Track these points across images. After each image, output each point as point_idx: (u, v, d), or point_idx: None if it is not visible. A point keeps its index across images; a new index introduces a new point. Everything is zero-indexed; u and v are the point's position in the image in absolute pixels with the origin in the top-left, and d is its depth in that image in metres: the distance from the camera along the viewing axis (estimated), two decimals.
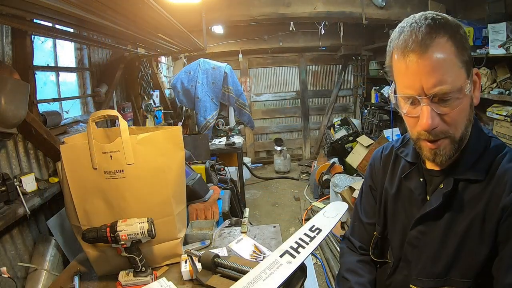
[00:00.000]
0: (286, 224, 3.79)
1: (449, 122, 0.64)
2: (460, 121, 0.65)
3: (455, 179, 0.71)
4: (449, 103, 0.63)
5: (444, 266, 0.72)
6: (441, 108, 0.63)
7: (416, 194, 0.78)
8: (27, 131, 1.65)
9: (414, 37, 0.61)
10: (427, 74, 0.60)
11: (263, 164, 6.28)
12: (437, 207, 0.72)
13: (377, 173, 0.91)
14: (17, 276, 1.50)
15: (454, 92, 0.62)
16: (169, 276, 1.22)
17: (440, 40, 0.60)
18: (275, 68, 6.17)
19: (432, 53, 0.60)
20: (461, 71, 0.63)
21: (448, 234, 0.72)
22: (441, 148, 0.67)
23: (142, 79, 3.24)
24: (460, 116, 0.65)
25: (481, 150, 0.70)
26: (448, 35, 0.61)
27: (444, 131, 0.65)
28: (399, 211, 0.83)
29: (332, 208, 1.02)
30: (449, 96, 0.62)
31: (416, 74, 0.61)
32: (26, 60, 1.67)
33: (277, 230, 1.54)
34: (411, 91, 0.64)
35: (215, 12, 3.15)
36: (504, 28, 2.43)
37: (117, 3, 1.29)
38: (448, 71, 0.61)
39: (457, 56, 0.61)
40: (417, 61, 0.61)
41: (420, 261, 0.77)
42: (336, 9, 3.33)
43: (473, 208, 0.69)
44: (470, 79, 0.64)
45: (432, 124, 0.63)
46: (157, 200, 1.19)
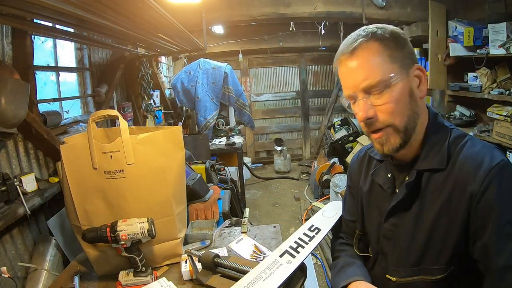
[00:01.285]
0: (286, 224, 3.79)
1: (385, 112, 0.70)
2: (398, 111, 0.70)
3: (418, 170, 0.74)
4: (382, 95, 0.69)
5: (416, 255, 0.75)
6: (375, 100, 0.70)
7: (385, 188, 0.82)
8: (27, 131, 1.65)
9: (345, 46, 0.72)
10: (356, 72, 0.70)
11: (263, 164, 6.28)
12: (403, 198, 0.76)
13: (354, 174, 0.96)
14: (17, 276, 1.50)
15: (381, 86, 0.69)
16: (169, 276, 1.22)
17: (365, 44, 0.69)
18: (275, 68, 6.18)
19: (358, 54, 0.70)
20: (391, 66, 0.69)
21: (417, 224, 0.75)
22: (385, 138, 0.73)
23: (142, 79, 3.24)
24: (397, 106, 0.70)
25: (441, 141, 0.74)
26: (374, 39, 0.70)
27: (383, 121, 0.71)
28: (372, 207, 0.88)
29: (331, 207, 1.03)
30: (379, 89, 0.69)
31: (348, 74, 0.72)
32: (26, 60, 1.67)
33: (277, 230, 1.54)
34: (348, 90, 0.73)
35: (215, 12, 3.15)
36: (504, 28, 2.43)
37: (117, 3, 1.29)
38: (374, 67, 0.69)
39: (384, 54, 0.69)
40: (346, 63, 0.71)
41: (395, 252, 0.80)
42: (336, 9, 3.32)
43: (438, 197, 0.72)
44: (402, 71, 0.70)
45: (367, 115, 0.71)
46: (157, 200, 1.19)
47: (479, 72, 2.77)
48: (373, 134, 0.74)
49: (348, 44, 0.71)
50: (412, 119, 0.72)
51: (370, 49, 0.70)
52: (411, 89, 0.71)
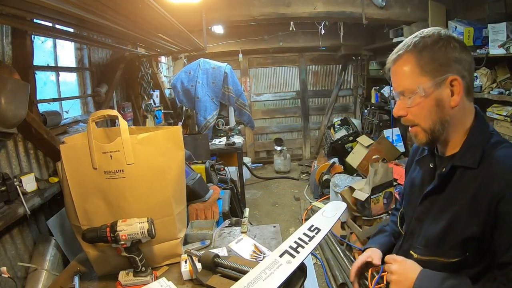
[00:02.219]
0: (286, 224, 3.79)
1: (413, 114, 0.84)
2: (421, 116, 0.83)
3: (453, 165, 0.84)
4: (410, 101, 0.83)
5: (437, 239, 0.86)
6: (407, 102, 0.84)
7: (425, 176, 0.95)
8: (27, 131, 1.65)
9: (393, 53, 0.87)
10: (394, 78, 0.86)
11: (263, 164, 6.28)
12: (436, 186, 0.87)
13: (409, 161, 1.11)
14: (17, 276, 1.50)
15: (409, 93, 0.82)
16: (169, 276, 1.22)
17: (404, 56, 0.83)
18: (275, 68, 6.18)
19: (396, 64, 0.85)
20: (419, 78, 0.81)
21: (443, 211, 0.85)
22: (415, 134, 0.87)
23: (142, 79, 3.24)
24: (420, 112, 0.83)
25: (479, 144, 0.82)
26: (411, 53, 0.82)
27: (411, 121, 0.86)
28: (414, 191, 1.00)
29: (331, 207, 1.03)
30: (408, 95, 0.83)
31: (392, 78, 0.87)
32: (26, 60, 1.67)
33: (277, 230, 1.54)
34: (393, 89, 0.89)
35: (215, 12, 3.15)
36: (504, 28, 2.43)
37: (117, 3, 1.29)
38: (404, 78, 0.83)
39: (417, 66, 0.81)
40: (390, 69, 0.87)
41: (421, 232, 0.92)
42: (336, 9, 3.32)
43: (465, 192, 0.81)
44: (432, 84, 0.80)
45: (397, 112, 0.86)
46: (157, 200, 1.19)
47: (479, 72, 2.77)
48: (410, 127, 0.88)
49: (394, 52, 0.86)
50: (438, 124, 0.83)
51: (405, 61, 0.83)
52: (440, 99, 0.81)
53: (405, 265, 0.85)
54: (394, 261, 0.87)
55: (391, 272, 0.85)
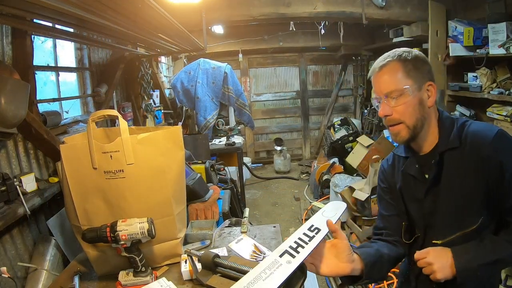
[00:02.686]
0: (286, 224, 3.79)
1: (399, 112, 0.95)
2: (407, 113, 0.95)
3: (439, 153, 0.97)
4: (396, 101, 0.95)
5: (455, 216, 0.97)
6: (392, 103, 0.96)
7: (417, 176, 1.04)
8: (27, 131, 1.65)
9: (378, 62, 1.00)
10: (381, 81, 0.97)
11: (263, 164, 6.28)
12: (434, 177, 0.98)
13: (388, 177, 1.16)
14: (17, 276, 1.50)
15: (396, 93, 0.94)
16: (169, 276, 1.22)
17: (389, 64, 0.96)
18: (275, 68, 6.18)
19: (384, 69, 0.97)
20: (406, 81, 0.94)
21: (450, 193, 0.96)
22: (398, 131, 0.98)
23: (142, 79, 3.24)
24: (407, 110, 0.95)
25: (450, 128, 0.98)
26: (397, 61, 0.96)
27: (396, 119, 0.96)
28: (410, 196, 1.08)
29: (331, 207, 1.03)
30: (395, 95, 0.95)
31: (377, 82, 0.99)
32: (26, 60, 1.67)
33: (277, 230, 1.54)
34: (376, 94, 1.00)
35: (215, 12, 3.14)
36: (504, 28, 2.43)
37: (117, 3, 1.29)
38: (393, 80, 0.95)
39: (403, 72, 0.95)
40: (377, 75, 0.99)
41: (438, 221, 1.01)
42: (336, 9, 3.32)
43: (459, 168, 0.95)
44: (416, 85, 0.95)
45: (385, 113, 0.96)
46: (157, 200, 1.19)
47: (479, 72, 2.77)
48: (390, 127, 0.99)
49: (380, 61, 0.98)
50: (420, 120, 0.96)
51: (394, 67, 0.96)
52: (421, 99, 0.96)
53: (436, 251, 0.93)
54: (426, 253, 0.93)
55: (430, 263, 0.90)
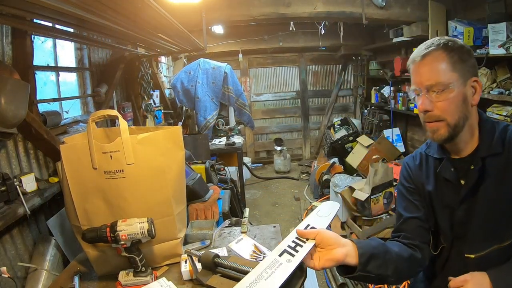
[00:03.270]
0: (286, 224, 3.79)
1: (440, 108, 0.87)
2: (450, 110, 0.87)
3: (481, 157, 0.89)
4: (440, 95, 0.86)
5: (492, 229, 0.90)
6: (434, 97, 0.87)
7: (452, 181, 0.95)
8: (27, 131, 1.65)
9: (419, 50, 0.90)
10: (423, 72, 0.88)
11: (263, 164, 6.28)
12: (475, 184, 0.90)
13: (415, 177, 1.06)
14: (17, 276, 1.50)
15: (440, 87, 0.85)
16: (169, 276, 1.22)
17: (434, 53, 0.87)
18: (275, 68, 6.17)
19: (427, 59, 0.87)
20: (451, 74, 0.86)
21: (487, 203, 0.89)
22: (436, 129, 0.89)
23: (142, 79, 3.24)
24: (449, 107, 0.86)
25: (492, 132, 0.91)
26: (442, 50, 0.86)
27: (437, 115, 0.88)
28: (443, 201, 0.99)
29: (325, 207, 1.03)
30: (438, 89, 0.86)
31: (417, 73, 0.89)
32: (26, 60, 1.67)
33: (277, 230, 1.54)
34: (415, 85, 0.91)
35: (215, 12, 3.14)
36: (504, 28, 2.43)
37: (117, 3, 1.29)
38: (437, 72, 0.86)
39: (449, 63, 0.86)
40: (417, 64, 0.89)
41: (470, 233, 0.93)
42: (336, 9, 3.32)
43: (502, 176, 0.87)
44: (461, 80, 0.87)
45: (425, 108, 0.88)
46: (157, 200, 1.19)
47: (479, 72, 2.77)
48: (428, 123, 0.91)
49: (422, 49, 0.89)
50: (461, 119, 0.88)
51: (437, 57, 0.86)
52: (465, 95, 0.88)
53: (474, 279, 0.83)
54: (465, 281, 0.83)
55: None
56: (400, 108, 4.41)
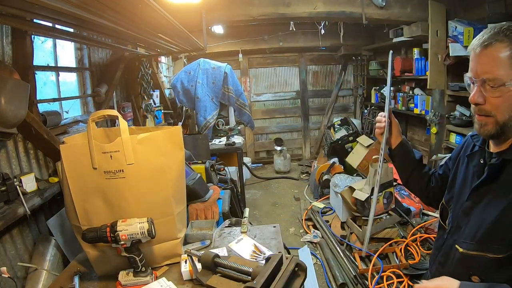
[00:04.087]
0: (286, 224, 3.79)
1: (492, 104, 0.83)
2: (502, 108, 0.82)
3: (503, 158, 0.87)
4: (495, 91, 0.81)
5: (484, 233, 0.87)
6: (487, 91, 0.83)
7: (475, 171, 0.96)
8: (27, 131, 1.65)
9: (482, 38, 0.83)
10: (481, 63, 0.83)
11: (263, 164, 6.28)
12: (485, 179, 0.89)
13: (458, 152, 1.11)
14: (17, 276, 1.50)
15: (496, 82, 0.80)
16: (169, 276, 1.22)
17: (498, 44, 0.80)
18: (275, 68, 6.17)
19: (488, 50, 0.81)
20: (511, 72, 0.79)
21: (493, 205, 0.87)
22: (484, 123, 0.86)
23: (142, 79, 3.24)
24: (503, 104, 0.82)
25: None
26: (507, 42, 0.79)
27: (487, 111, 0.84)
28: (463, 185, 1.01)
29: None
30: (493, 84, 0.81)
31: (476, 61, 0.84)
32: (26, 60, 1.67)
33: (277, 230, 1.54)
34: (472, 73, 0.86)
35: (215, 12, 3.14)
36: None
37: (117, 3, 1.29)
38: (495, 66, 0.80)
39: (510, 59, 0.79)
40: (477, 53, 0.84)
41: (467, 227, 0.93)
42: (336, 9, 3.32)
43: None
44: None
45: (476, 100, 0.84)
46: (157, 200, 1.19)
47: None
48: (478, 116, 0.88)
49: (484, 39, 0.83)
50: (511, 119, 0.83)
51: (500, 49, 0.80)
52: None
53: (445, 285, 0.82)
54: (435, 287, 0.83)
55: None
56: (400, 108, 4.41)
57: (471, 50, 0.86)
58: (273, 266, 0.96)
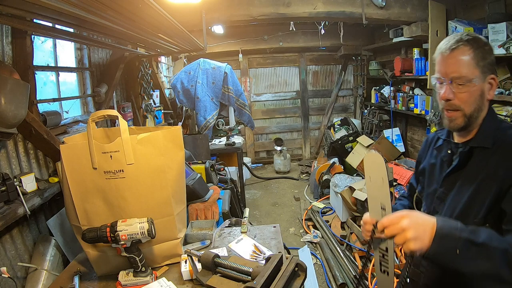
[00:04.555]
0: (286, 224, 3.79)
1: (461, 99, 0.95)
2: (469, 102, 0.94)
3: (471, 146, 0.98)
4: (461, 87, 0.94)
5: (460, 212, 0.95)
6: (456, 88, 0.95)
7: (444, 160, 1.06)
8: (27, 131, 1.65)
9: (448, 42, 0.97)
10: (450, 64, 0.95)
11: (263, 164, 6.28)
12: (457, 165, 0.99)
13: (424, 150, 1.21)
14: (17, 276, 1.50)
15: (464, 80, 0.93)
16: (169, 276, 1.22)
17: (461, 48, 0.94)
18: (275, 68, 6.17)
19: (456, 53, 0.94)
20: (474, 70, 0.93)
21: (465, 187, 0.96)
22: (454, 118, 0.97)
23: (142, 79, 3.24)
24: (469, 98, 0.94)
25: (491, 129, 0.98)
26: (469, 46, 0.94)
27: (456, 105, 0.96)
28: (433, 176, 1.10)
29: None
30: (462, 82, 0.93)
31: (444, 63, 0.96)
32: (26, 60, 1.67)
33: (277, 230, 1.54)
34: (440, 74, 0.98)
35: (215, 12, 3.15)
36: (504, 28, 2.43)
37: (117, 3, 1.29)
38: (462, 66, 0.93)
39: (473, 59, 0.93)
40: (446, 56, 0.96)
41: (444, 210, 1.01)
42: (336, 9, 3.32)
43: (483, 168, 0.94)
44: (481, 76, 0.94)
45: (447, 96, 0.95)
46: (157, 200, 1.19)
47: None
48: (447, 112, 0.99)
49: (451, 43, 0.96)
50: (477, 111, 0.96)
51: (465, 52, 0.94)
52: (483, 90, 0.96)
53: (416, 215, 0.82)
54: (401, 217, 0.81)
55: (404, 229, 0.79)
56: (400, 108, 4.41)
57: (439, 54, 0.98)
58: (273, 266, 0.96)
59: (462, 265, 0.79)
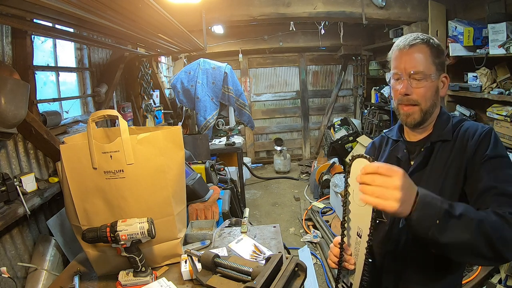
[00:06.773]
0: (286, 224, 3.79)
1: (418, 94, 0.97)
2: (426, 97, 0.98)
3: (431, 142, 1.01)
4: (419, 82, 0.97)
5: None
6: (414, 83, 0.97)
7: (403, 160, 1.06)
8: (27, 131, 1.65)
9: (406, 40, 1.00)
10: (408, 60, 0.98)
11: (263, 164, 6.28)
12: (421, 162, 1.00)
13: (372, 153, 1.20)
14: (17, 276, 1.50)
15: (422, 75, 0.96)
16: (169, 276, 1.22)
17: (419, 45, 0.98)
18: (275, 68, 6.18)
19: (414, 49, 0.98)
20: (431, 67, 0.97)
21: (430, 182, 0.97)
22: (411, 113, 0.99)
23: (142, 79, 3.24)
24: (426, 93, 0.98)
25: (447, 122, 1.03)
26: (426, 44, 0.98)
27: (414, 100, 0.98)
28: None
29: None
30: (419, 77, 0.96)
31: (402, 60, 0.99)
32: (26, 60, 1.67)
33: (277, 230, 1.54)
34: (398, 70, 1.00)
35: (215, 12, 3.15)
36: (504, 28, 2.43)
37: (117, 3, 1.29)
38: (420, 62, 0.96)
39: (430, 57, 0.97)
40: (404, 52, 0.99)
41: None
42: (336, 9, 3.32)
43: (447, 158, 0.97)
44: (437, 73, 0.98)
45: (406, 91, 0.97)
46: (157, 200, 1.19)
47: (479, 72, 2.77)
48: (404, 106, 1.00)
49: (409, 40, 0.99)
50: (432, 106, 1.00)
51: (422, 49, 0.97)
52: (437, 87, 1.00)
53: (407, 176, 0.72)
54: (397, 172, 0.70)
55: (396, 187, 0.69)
56: None
57: (397, 50, 1.01)
58: (273, 266, 0.96)
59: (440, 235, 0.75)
